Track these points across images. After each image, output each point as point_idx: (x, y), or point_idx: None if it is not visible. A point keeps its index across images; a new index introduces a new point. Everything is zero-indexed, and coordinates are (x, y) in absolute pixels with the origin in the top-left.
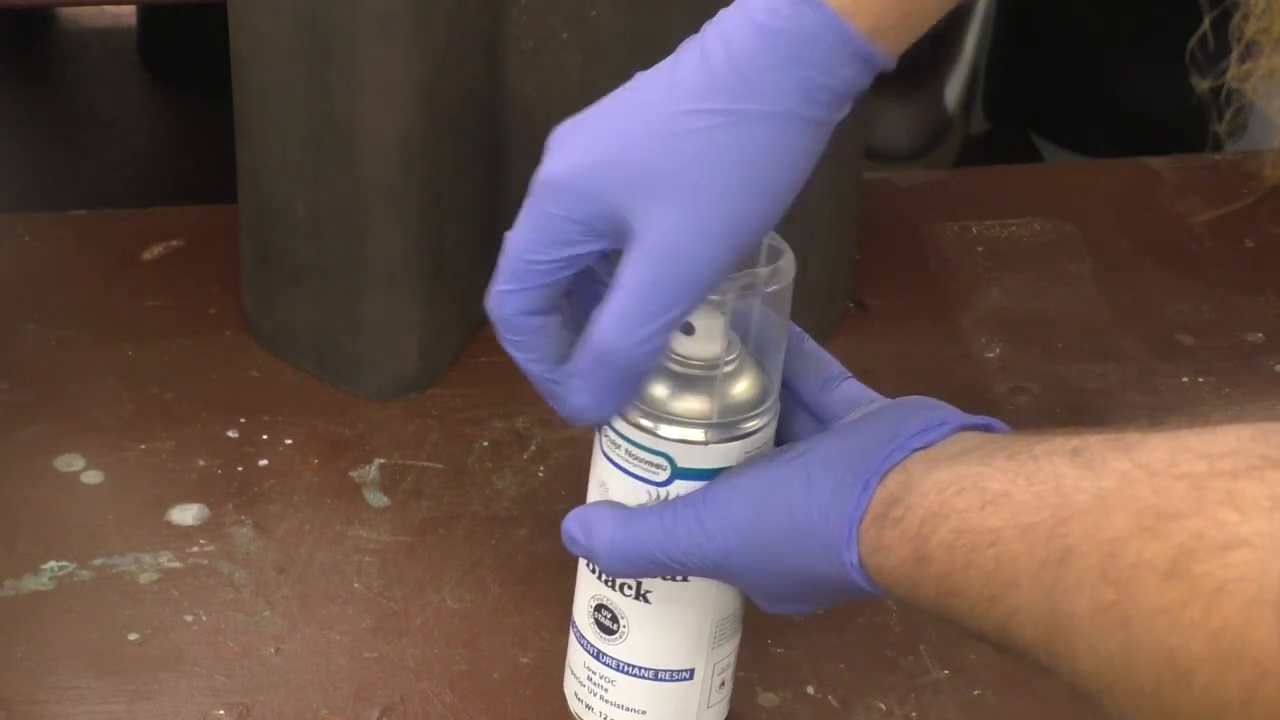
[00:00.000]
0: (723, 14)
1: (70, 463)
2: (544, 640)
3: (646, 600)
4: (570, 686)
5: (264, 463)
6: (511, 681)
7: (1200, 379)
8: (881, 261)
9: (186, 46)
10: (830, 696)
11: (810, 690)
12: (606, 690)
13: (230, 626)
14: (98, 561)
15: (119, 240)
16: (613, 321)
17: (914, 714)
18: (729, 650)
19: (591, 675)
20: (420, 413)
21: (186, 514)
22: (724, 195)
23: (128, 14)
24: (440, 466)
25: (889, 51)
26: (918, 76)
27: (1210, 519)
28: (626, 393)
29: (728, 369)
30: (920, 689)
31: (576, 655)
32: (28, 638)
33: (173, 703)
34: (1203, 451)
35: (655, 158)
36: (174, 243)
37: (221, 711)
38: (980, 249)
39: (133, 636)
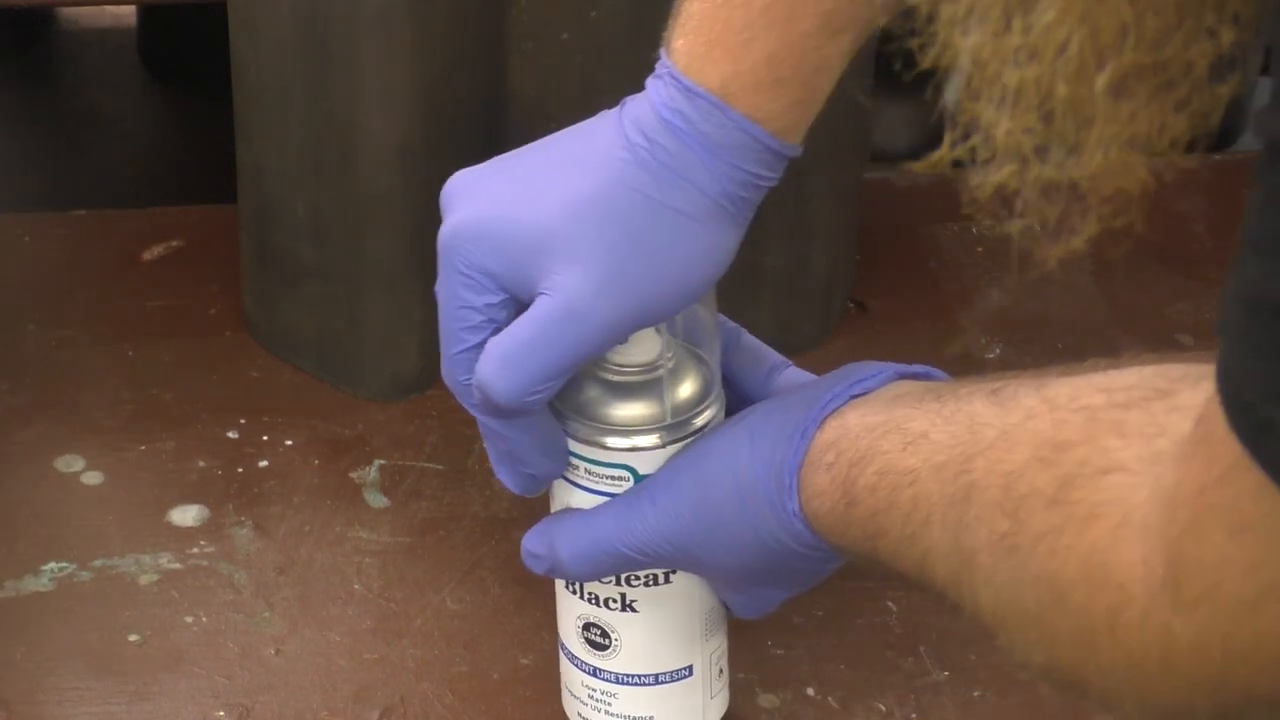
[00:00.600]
0: (630, 103)
1: (70, 463)
2: (544, 641)
3: (634, 610)
4: (572, 708)
5: (264, 464)
6: (511, 682)
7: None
8: (881, 261)
9: (186, 46)
10: (830, 698)
11: (810, 691)
12: (610, 704)
13: (230, 627)
14: (98, 562)
15: (119, 240)
16: (495, 365)
17: (914, 715)
18: (721, 638)
19: (592, 693)
20: (420, 413)
21: (186, 515)
22: (634, 273)
23: (128, 14)
24: (440, 467)
25: (797, 143)
26: (918, 76)
27: (1096, 446)
28: (507, 418)
29: (669, 368)
30: (920, 690)
31: (573, 676)
32: (28, 638)
33: (173, 704)
34: (1104, 386)
35: (571, 223)
36: (174, 243)
37: (221, 712)
38: (980, 249)
39: (133, 637)
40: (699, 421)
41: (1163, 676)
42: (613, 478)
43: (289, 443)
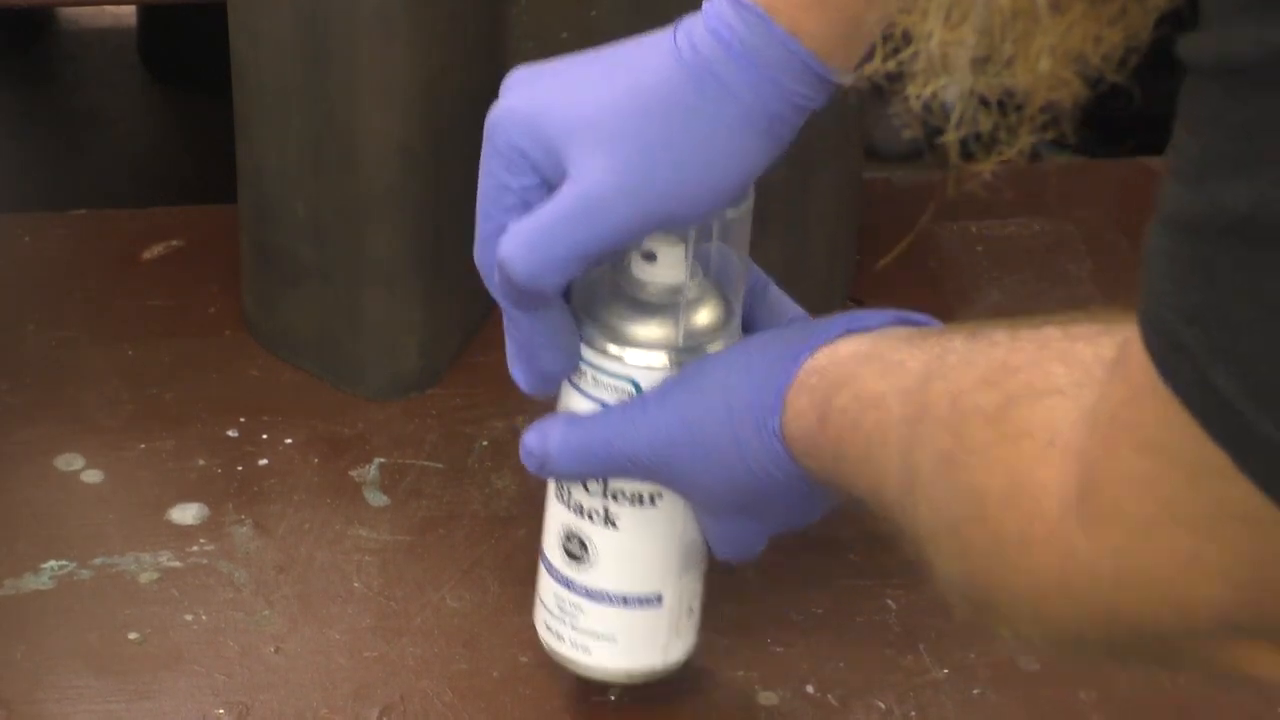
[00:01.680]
0: (687, 19)
1: (70, 462)
2: None
3: (614, 525)
4: (540, 617)
5: (264, 462)
6: (511, 680)
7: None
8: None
9: (186, 46)
10: (830, 695)
11: (810, 689)
12: (576, 618)
13: (230, 626)
14: (98, 561)
15: (119, 240)
16: (514, 243)
17: (913, 713)
18: (696, 578)
19: (561, 604)
20: (420, 412)
21: (186, 513)
22: (659, 172)
23: (128, 14)
24: (440, 466)
25: (839, 68)
26: None
27: (1040, 371)
28: (524, 304)
29: (690, 296)
30: (920, 688)
31: (546, 586)
32: (28, 637)
33: (172, 702)
34: (1067, 324)
35: (608, 115)
36: (174, 243)
37: (221, 711)
38: (980, 249)
39: (133, 636)
40: (709, 350)
41: (1059, 598)
42: (616, 389)
43: (289, 441)
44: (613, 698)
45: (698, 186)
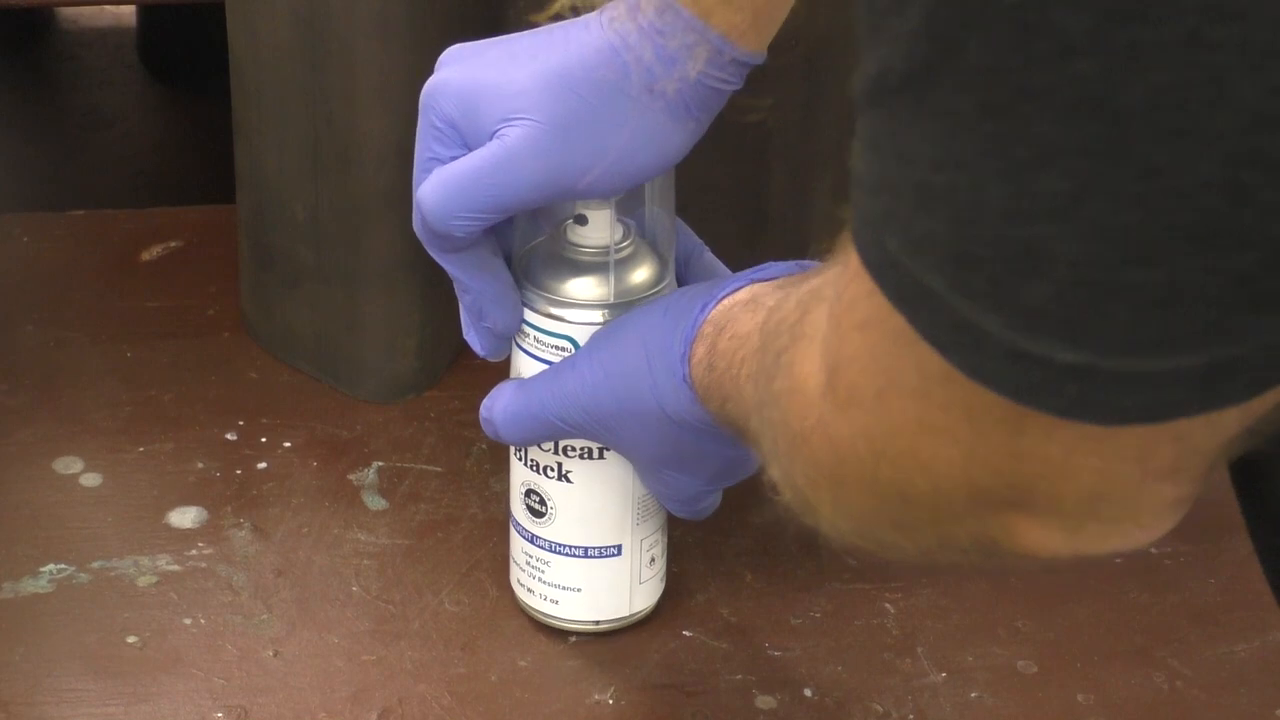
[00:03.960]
0: (608, 7)
1: (69, 465)
2: (541, 643)
3: (568, 480)
4: (513, 575)
5: (262, 465)
6: (509, 684)
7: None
8: None
9: (186, 46)
10: (828, 699)
11: (808, 693)
12: (544, 571)
13: (229, 629)
14: (96, 564)
15: (118, 241)
16: (429, 185)
17: (911, 716)
18: (654, 528)
19: (529, 559)
20: (418, 415)
21: (185, 517)
22: (574, 144)
23: (128, 14)
24: (438, 469)
25: (753, 49)
26: None
27: (828, 278)
28: (438, 246)
29: (622, 254)
30: (917, 691)
31: (515, 544)
32: (26, 640)
33: (171, 705)
34: None
35: (536, 87)
36: (173, 244)
37: (220, 714)
38: None
39: (131, 639)
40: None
41: (839, 481)
42: (557, 348)
43: (287, 444)
44: (610, 701)
45: (615, 164)
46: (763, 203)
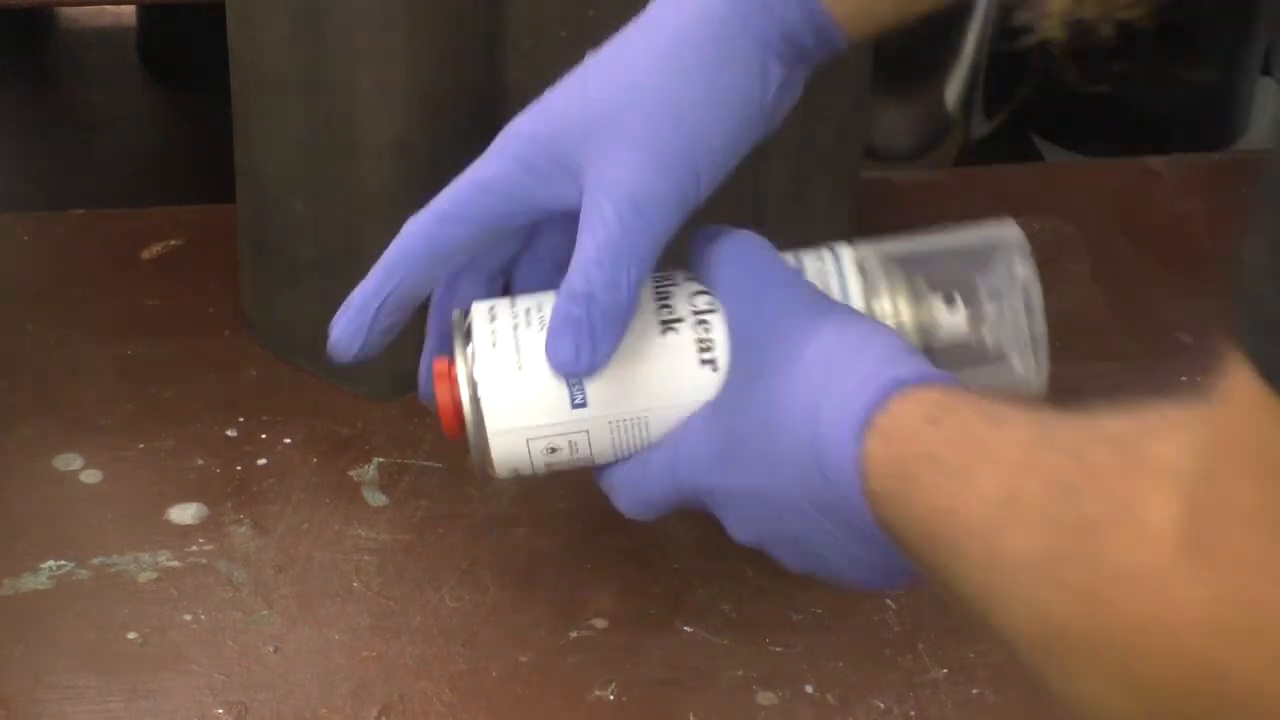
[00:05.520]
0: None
1: (69, 462)
2: (543, 639)
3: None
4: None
5: (263, 462)
6: (510, 680)
7: (1200, 379)
8: None
9: (186, 46)
10: (829, 695)
11: (809, 689)
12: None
13: (229, 625)
14: (96, 560)
15: (118, 240)
16: (591, 263)
17: (912, 713)
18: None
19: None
20: (419, 411)
21: (185, 513)
22: (679, 125)
23: (128, 14)
24: (439, 465)
25: (846, 32)
26: (918, 76)
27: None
28: (611, 339)
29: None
30: (919, 688)
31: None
32: (27, 637)
33: (171, 701)
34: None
35: (611, 106)
36: (173, 242)
37: (220, 710)
38: None
39: (131, 635)
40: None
41: (1153, 644)
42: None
43: (288, 441)
44: (611, 697)
45: (710, 129)
46: (763, 203)
